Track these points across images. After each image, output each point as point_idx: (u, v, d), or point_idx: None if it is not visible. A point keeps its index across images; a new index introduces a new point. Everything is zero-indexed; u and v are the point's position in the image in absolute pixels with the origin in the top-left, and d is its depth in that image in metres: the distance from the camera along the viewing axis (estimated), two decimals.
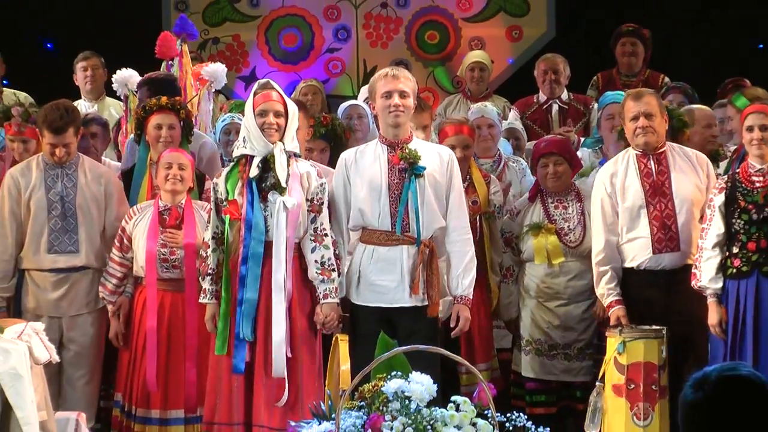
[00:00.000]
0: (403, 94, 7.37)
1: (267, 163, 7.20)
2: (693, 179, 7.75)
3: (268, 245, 7.18)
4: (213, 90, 9.08)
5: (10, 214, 7.99)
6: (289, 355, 7.15)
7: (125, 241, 7.87)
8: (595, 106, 9.92)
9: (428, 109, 9.03)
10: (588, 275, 8.17)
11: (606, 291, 7.78)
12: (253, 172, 7.19)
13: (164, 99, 8.37)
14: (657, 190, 7.73)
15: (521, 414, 5.53)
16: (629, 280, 7.79)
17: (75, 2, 12.16)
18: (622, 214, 7.79)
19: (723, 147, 8.95)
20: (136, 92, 9.06)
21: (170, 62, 8.87)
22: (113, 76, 9.45)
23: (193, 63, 9.31)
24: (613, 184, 7.82)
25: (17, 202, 7.99)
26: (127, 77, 9.24)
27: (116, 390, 8.02)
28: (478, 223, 8.27)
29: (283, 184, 7.16)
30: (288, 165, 7.22)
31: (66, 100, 8.37)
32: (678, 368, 7.62)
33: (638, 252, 7.76)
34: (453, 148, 8.33)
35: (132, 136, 8.86)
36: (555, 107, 10.38)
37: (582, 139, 9.83)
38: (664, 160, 7.77)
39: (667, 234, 7.70)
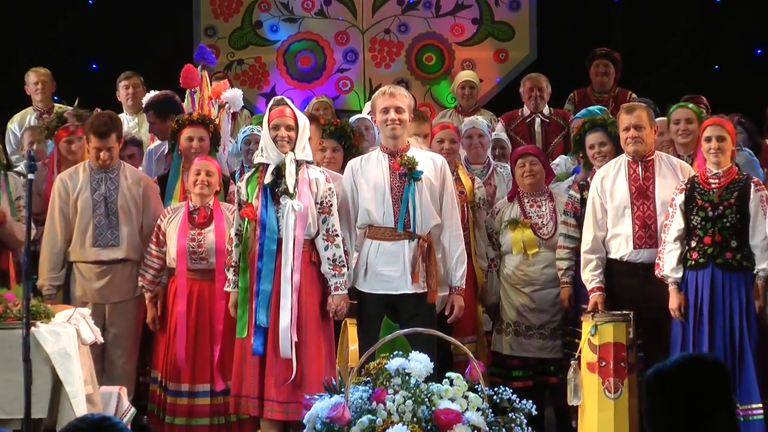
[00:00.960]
0: (398, 110, 7.39)
1: (280, 171, 7.22)
2: (675, 185, 7.79)
3: (280, 242, 7.20)
4: (231, 111, 9.07)
5: (59, 213, 8.01)
6: (295, 339, 7.14)
7: (160, 236, 7.91)
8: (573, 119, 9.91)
9: (428, 120, 9.03)
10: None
11: (590, 276, 7.82)
12: (268, 179, 7.21)
13: (195, 114, 8.43)
14: (641, 193, 7.79)
15: (507, 389, 5.53)
16: (612, 269, 7.86)
17: (117, 28, 12.17)
18: (610, 213, 7.85)
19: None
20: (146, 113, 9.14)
21: (193, 90, 8.87)
22: (143, 97, 9.49)
23: (217, 80, 9.30)
24: (603, 186, 7.89)
25: (65, 203, 8.02)
26: None
27: (153, 368, 8.05)
28: (465, 211, 8.30)
29: (291, 190, 7.17)
30: (298, 172, 7.24)
31: (110, 111, 8.43)
32: (649, 348, 7.69)
33: (621, 246, 7.81)
34: (442, 141, 8.46)
35: (151, 145, 8.91)
36: (538, 120, 10.38)
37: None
38: (651, 166, 7.84)
39: (647, 232, 7.76)
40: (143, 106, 9.23)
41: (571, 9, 12.59)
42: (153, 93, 9.36)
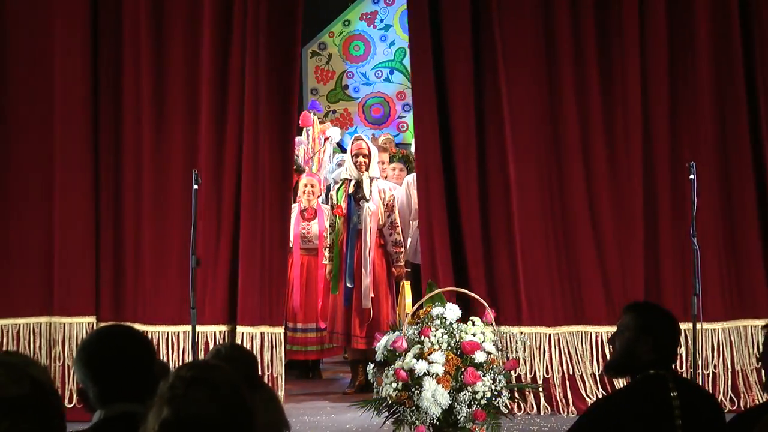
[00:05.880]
0: None
1: (359, 184, 7.21)
2: None
3: (360, 232, 7.18)
4: (333, 142, 9.11)
5: None
6: (372, 295, 7.13)
7: None
8: None
9: None
10: None
11: None
12: (351, 189, 7.21)
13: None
14: None
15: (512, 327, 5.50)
16: None
17: None
18: None
19: None
20: None
21: (308, 129, 8.94)
22: None
23: (323, 123, 9.37)
24: None
25: None
26: None
27: None
28: None
29: (368, 197, 7.16)
30: (371, 185, 7.23)
31: None
32: None
33: None
34: None
35: None
36: None
37: None
38: None
39: None
40: None
41: None
42: None
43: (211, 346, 6.21)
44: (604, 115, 6.56)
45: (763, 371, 3.26)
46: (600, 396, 6.33)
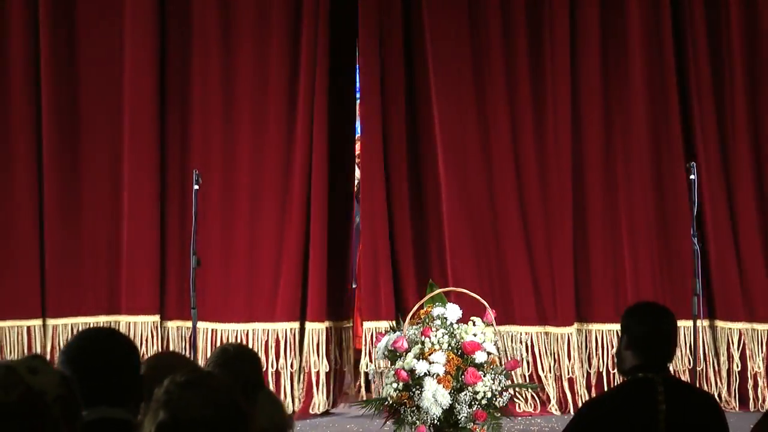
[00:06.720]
0: None
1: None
2: None
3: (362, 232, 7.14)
4: None
5: None
6: None
7: None
8: None
9: None
10: None
11: None
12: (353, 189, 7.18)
13: None
14: None
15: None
16: None
17: None
18: None
19: None
20: None
21: None
22: None
23: None
24: None
25: None
26: None
27: None
28: None
29: None
30: None
31: None
32: None
33: None
34: None
35: None
36: None
37: None
38: None
39: None
40: None
41: None
42: None
43: (282, 344, 6.31)
44: (534, 115, 6.56)
45: None
46: (531, 397, 6.41)
